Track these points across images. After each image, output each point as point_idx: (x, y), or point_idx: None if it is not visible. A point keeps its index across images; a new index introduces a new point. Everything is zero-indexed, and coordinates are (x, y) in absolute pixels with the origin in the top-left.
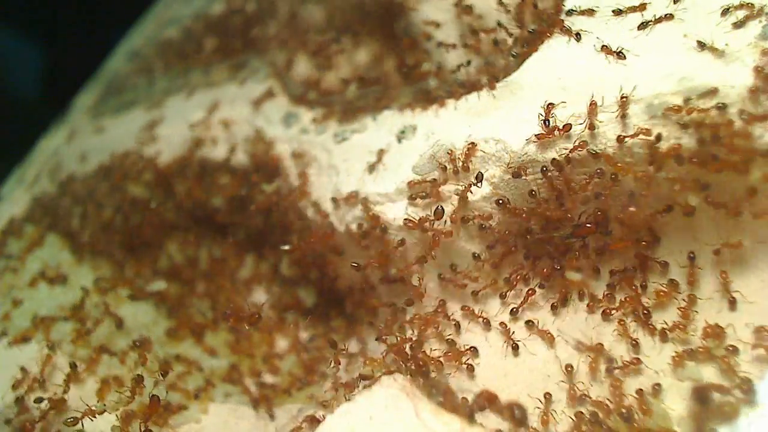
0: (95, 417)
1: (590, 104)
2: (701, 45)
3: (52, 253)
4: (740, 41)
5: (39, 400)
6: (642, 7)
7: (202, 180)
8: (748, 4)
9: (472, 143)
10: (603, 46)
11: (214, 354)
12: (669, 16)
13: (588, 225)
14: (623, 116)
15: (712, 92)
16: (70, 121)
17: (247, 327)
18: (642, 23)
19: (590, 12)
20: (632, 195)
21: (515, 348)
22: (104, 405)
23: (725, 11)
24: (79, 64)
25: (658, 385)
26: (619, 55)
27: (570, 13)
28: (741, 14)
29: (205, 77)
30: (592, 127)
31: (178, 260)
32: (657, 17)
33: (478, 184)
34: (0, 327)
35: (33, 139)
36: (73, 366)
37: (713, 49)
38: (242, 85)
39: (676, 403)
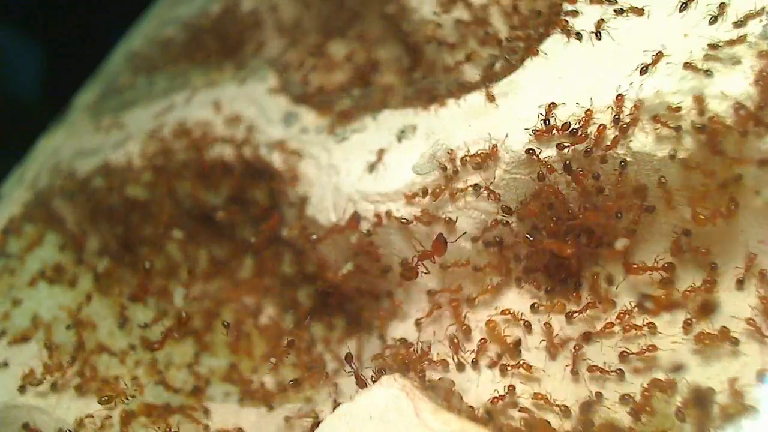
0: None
1: (586, 112)
2: (712, 46)
3: (52, 252)
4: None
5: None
6: (641, 11)
7: (202, 180)
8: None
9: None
10: (600, 20)
11: (213, 354)
12: None
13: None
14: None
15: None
16: (70, 121)
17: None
18: (682, 4)
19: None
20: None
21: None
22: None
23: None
24: (79, 64)
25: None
26: (597, 35)
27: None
28: (740, 13)
29: (205, 77)
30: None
31: (178, 260)
32: None
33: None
34: (0, 327)
35: (33, 139)
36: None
37: (713, 48)
38: (242, 84)
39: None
